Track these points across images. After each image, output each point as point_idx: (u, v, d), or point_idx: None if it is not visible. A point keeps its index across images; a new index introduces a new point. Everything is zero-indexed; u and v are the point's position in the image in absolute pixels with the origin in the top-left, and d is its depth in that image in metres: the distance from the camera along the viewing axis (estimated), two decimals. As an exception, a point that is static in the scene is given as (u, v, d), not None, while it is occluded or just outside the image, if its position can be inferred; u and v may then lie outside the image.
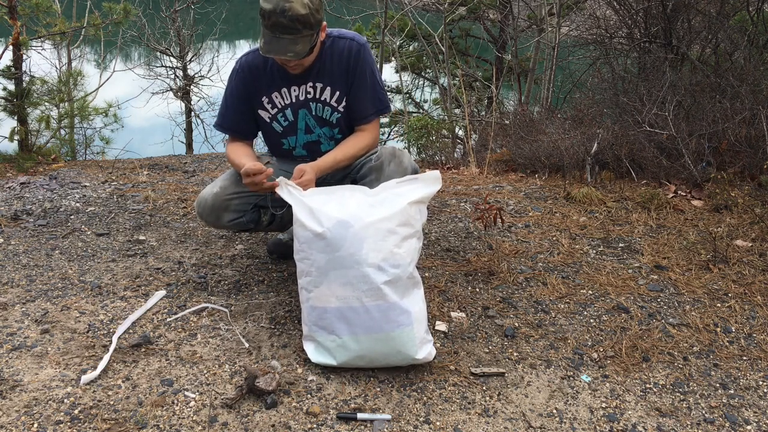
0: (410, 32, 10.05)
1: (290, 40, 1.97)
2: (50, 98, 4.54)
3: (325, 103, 2.22)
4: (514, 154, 4.33)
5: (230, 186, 2.26)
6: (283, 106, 2.24)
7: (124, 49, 10.42)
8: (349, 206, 1.90)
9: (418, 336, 1.83)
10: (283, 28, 1.95)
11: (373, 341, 1.82)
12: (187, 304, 2.25)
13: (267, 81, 2.21)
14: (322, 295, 1.88)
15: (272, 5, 1.94)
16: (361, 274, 1.82)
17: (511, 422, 1.70)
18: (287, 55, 2.00)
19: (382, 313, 1.81)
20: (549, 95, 7.35)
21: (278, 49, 1.99)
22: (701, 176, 3.44)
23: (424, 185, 1.95)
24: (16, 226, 2.95)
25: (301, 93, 2.21)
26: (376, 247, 1.83)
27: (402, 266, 1.84)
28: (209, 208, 2.24)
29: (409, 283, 1.86)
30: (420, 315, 1.86)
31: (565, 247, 2.78)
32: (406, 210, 1.89)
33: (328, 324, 1.87)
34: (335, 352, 1.87)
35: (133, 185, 3.65)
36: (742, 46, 4.37)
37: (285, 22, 1.94)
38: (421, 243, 1.98)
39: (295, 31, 1.96)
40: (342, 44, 2.17)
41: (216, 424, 1.64)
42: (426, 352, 1.85)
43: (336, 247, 1.85)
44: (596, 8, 6.91)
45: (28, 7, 4.30)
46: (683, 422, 1.73)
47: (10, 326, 2.07)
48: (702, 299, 2.36)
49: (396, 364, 1.86)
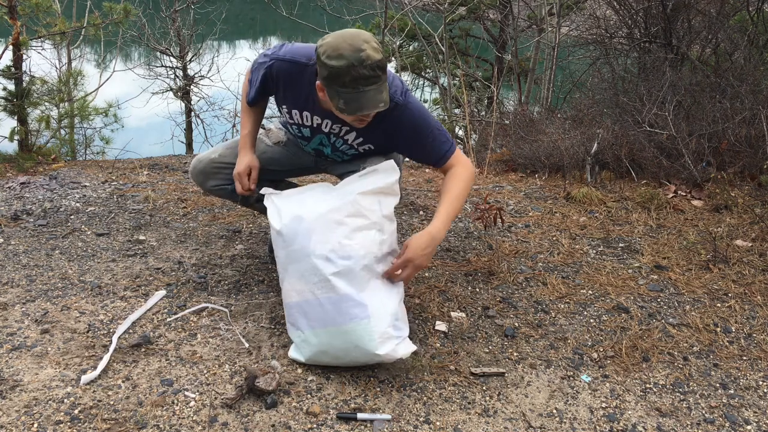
0: (410, 32, 10.04)
1: (375, 89, 1.77)
2: (50, 98, 4.53)
3: (345, 141, 2.11)
4: (514, 154, 4.33)
5: (228, 155, 2.27)
6: (301, 124, 2.13)
7: (124, 49, 10.41)
8: (307, 202, 1.92)
9: (378, 330, 1.76)
10: (366, 80, 1.74)
11: (329, 335, 1.81)
12: (187, 304, 2.25)
13: (294, 95, 2.06)
14: (286, 291, 1.91)
15: (348, 60, 1.73)
16: (310, 266, 1.82)
17: (511, 422, 1.70)
18: (379, 106, 1.80)
19: (333, 305, 1.79)
20: (549, 95, 7.35)
21: (368, 103, 1.78)
22: (701, 176, 3.44)
23: (381, 176, 1.91)
24: (16, 226, 2.95)
25: (325, 126, 2.08)
26: (324, 238, 1.82)
27: (354, 258, 1.80)
28: (199, 170, 2.30)
29: (368, 276, 1.81)
30: (382, 309, 1.79)
31: (565, 247, 2.78)
32: (357, 200, 1.86)
33: (294, 319, 1.90)
34: (301, 347, 1.88)
35: (133, 185, 3.65)
36: (742, 46, 4.37)
37: (367, 73, 1.74)
38: (389, 237, 1.90)
39: (377, 79, 1.77)
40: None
41: (216, 424, 1.64)
42: (389, 348, 1.77)
43: (290, 241, 1.87)
44: (596, 8, 6.91)
45: (28, 7, 4.30)
46: (683, 422, 1.73)
47: (10, 326, 2.07)
48: (702, 299, 2.36)
49: (362, 362, 1.82)
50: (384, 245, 1.89)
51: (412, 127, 1.99)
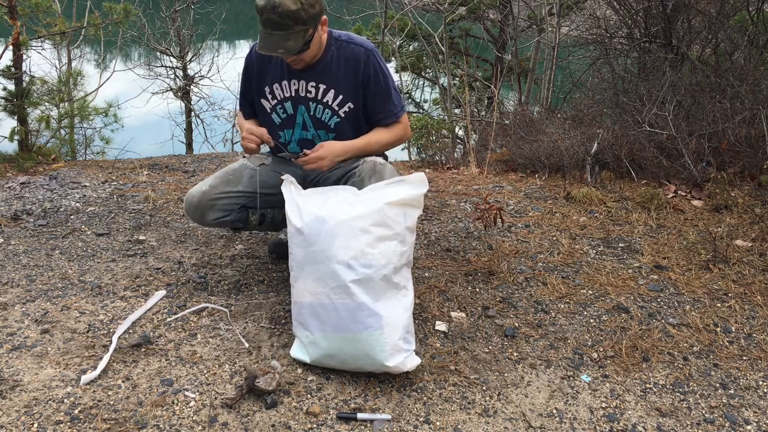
0: (410, 32, 10.05)
1: (281, 36, 1.97)
2: (50, 98, 4.53)
3: (325, 105, 2.20)
4: (514, 154, 4.33)
5: (219, 185, 2.26)
6: (283, 99, 2.23)
7: (124, 49, 10.41)
8: (330, 203, 1.91)
9: (389, 342, 1.77)
10: (274, 25, 1.95)
11: (341, 341, 1.81)
12: (187, 304, 2.25)
13: (271, 71, 2.22)
14: (299, 290, 1.90)
15: (264, 2, 1.94)
16: (330, 270, 1.81)
17: (511, 422, 1.70)
18: (278, 51, 2.00)
19: (349, 312, 1.79)
20: (549, 95, 7.35)
21: (270, 45, 1.99)
22: (701, 176, 3.44)
23: (409, 187, 1.92)
24: (16, 226, 2.95)
25: (301, 89, 2.20)
26: (347, 244, 1.81)
27: (375, 267, 1.80)
28: (194, 206, 2.25)
29: (385, 286, 1.82)
30: (395, 321, 1.80)
31: (565, 247, 2.78)
32: (383, 210, 1.86)
33: (303, 319, 1.88)
34: (308, 348, 1.87)
35: (133, 185, 3.65)
36: (742, 46, 4.37)
37: (276, 18, 1.93)
38: (408, 248, 1.92)
39: (285, 27, 1.95)
40: (350, 50, 2.16)
41: (216, 424, 1.64)
42: (398, 360, 1.78)
43: (311, 242, 1.86)
44: (596, 8, 6.91)
45: (28, 7, 4.30)
46: (683, 422, 1.73)
47: (10, 326, 2.07)
48: (702, 299, 2.36)
49: (368, 369, 1.82)
50: (403, 257, 1.89)
51: (383, 74, 2.19)
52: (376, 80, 2.18)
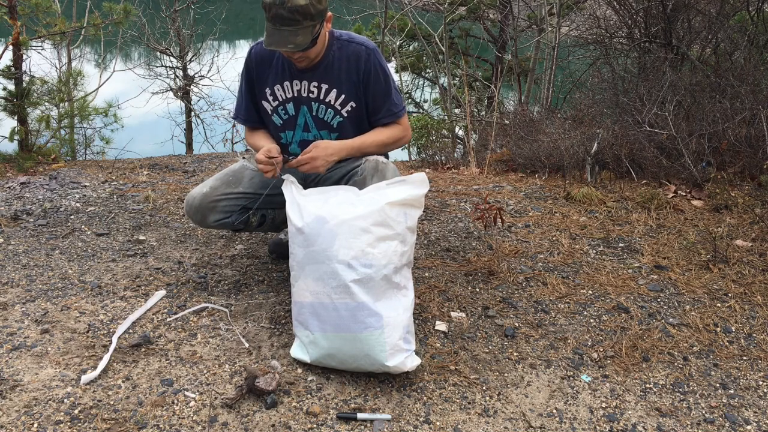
0: (410, 32, 10.04)
1: (291, 31, 1.96)
2: (50, 98, 4.53)
3: (328, 105, 2.20)
4: (514, 154, 4.33)
5: (220, 187, 2.26)
6: (284, 100, 2.23)
7: (124, 49, 10.41)
8: (331, 203, 1.91)
9: (390, 342, 1.78)
10: (283, 20, 1.94)
11: (341, 340, 1.81)
12: (187, 304, 2.25)
13: (273, 73, 2.21)
14: (299, 290, 1.90)
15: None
16: (331, 270, 1.82)
17: (511, 422, 1.70)
18: (288, 47, 1.98)
19: (349, 312, 1.79)
20: (549, 95, 7.35)
21: (279, 41, 1.97)
22: (701, 176, 3.44)
23: (410, 187, 1.92)
24: (16, 226, 2.95)
25: (304, 89, 2.19)
26: (348, 244, 1.82)
27: (375, 267, 1.80)
28: (195, 208, 2.25)
29: (385, 286, 1.82)
30: (395, 321, 1.80)
31: (565, 247, 2.78)
32: (384, 210, 1.86)
33: (303, 319, 1.89)
34: (308, 347, 1.88)
35: (133, 185, 3.65)
36: (742, 46, 4.37)
37: (285, 14, 1.93)
38: (409, 248, 1.93)
39: (295, 22, 1.94)
40: (351, 49, 2.16)
41: (216, 424, 1.64)
42: (398, 360, 1.78)
43: (311, 241, 1.86)
44: (596, 8, 6.91)
45: (28, 7, 4.30)
46: (683, 422, 1.73)
47: (10, 326, 2.07)
48: (702, 299, 2.36)
49: (368, 369, 1.82)
50: (404, 257, 1.90)
51: (384, 73, 2.18)
52: (376, 79, 2.17)
